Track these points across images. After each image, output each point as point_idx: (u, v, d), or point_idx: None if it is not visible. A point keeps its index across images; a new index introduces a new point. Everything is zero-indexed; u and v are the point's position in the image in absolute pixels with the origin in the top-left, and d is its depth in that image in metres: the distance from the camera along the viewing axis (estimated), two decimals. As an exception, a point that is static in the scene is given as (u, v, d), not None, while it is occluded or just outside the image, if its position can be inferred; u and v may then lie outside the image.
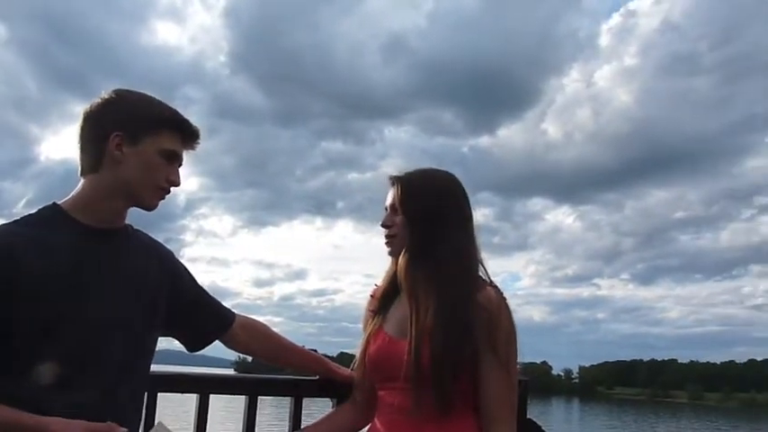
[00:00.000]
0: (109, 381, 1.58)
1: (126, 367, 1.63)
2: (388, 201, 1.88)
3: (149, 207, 1.68)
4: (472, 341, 1.70)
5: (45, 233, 1.56)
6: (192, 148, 1.72)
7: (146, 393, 1.84)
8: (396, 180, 1.88)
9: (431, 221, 1.81)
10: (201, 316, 1.87)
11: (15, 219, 1.60)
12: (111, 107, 1.64)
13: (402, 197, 1.84)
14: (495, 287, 1.81)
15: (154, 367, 1.79)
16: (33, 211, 1.63)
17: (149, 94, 1.71)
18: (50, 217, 1.60)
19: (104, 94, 1.67)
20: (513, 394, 1.77)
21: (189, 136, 1.70)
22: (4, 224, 1.58)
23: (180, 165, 1.70)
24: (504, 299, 1.79)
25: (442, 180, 1.90)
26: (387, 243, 1.88)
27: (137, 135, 1.61)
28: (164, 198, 1.69)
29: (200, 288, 1.90)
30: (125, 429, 1.43)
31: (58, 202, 1.64)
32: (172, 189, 1.69)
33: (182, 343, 1.90)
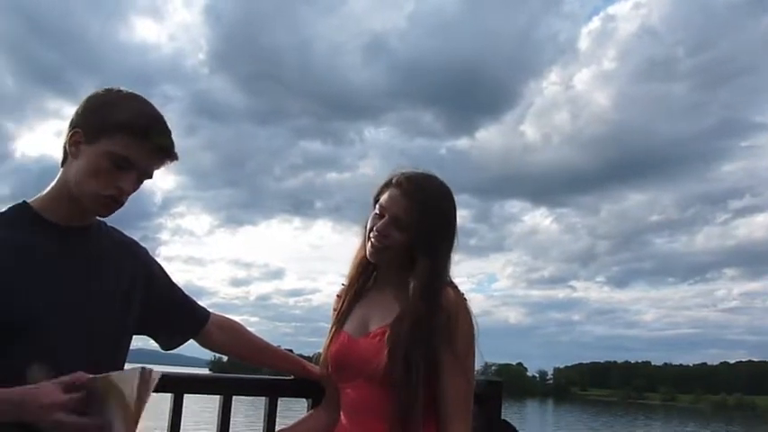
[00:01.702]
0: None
1: (100, 367, 1.61)
2: (393, 210, 1.80)
3: (90, 212, 1.61)
4: (432, 341, 1.71)
5: (15, 233, 1.54)
6: (161, 160, 1.62)
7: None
8: (411, 193, 1.80)
9: (435, 245, 1.79)
10: (176, 315, 1.86)
11: None
12: (84, 103, 1.60)
13: (417, 222, 1.78)
14: (455, 287, 1.81)
15: (127, 367, 1.78)
16: (2, 209, 1.60)
17: (142, 97, 1.63)
18: (19, 217, 1.58)
19: (94, 90, 1.63)
20: (470, 395, 1.77)
21: (155, 148, 1.59)
22: None
23: (146, 176, 1.61)
24: (464, 299, 1.80)
25: (450, 199, 1.87)
26: (375, 248, 1.82)
27: (94, 135, 1.55)
28: (111, 206, 1.59)
29: (175, 286, 1.88)
30: (90, 375, 1.42)
31: (28, 201, 1.61)
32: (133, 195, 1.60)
33: (156, 342, 1.88)
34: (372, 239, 1.82)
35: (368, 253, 1.85)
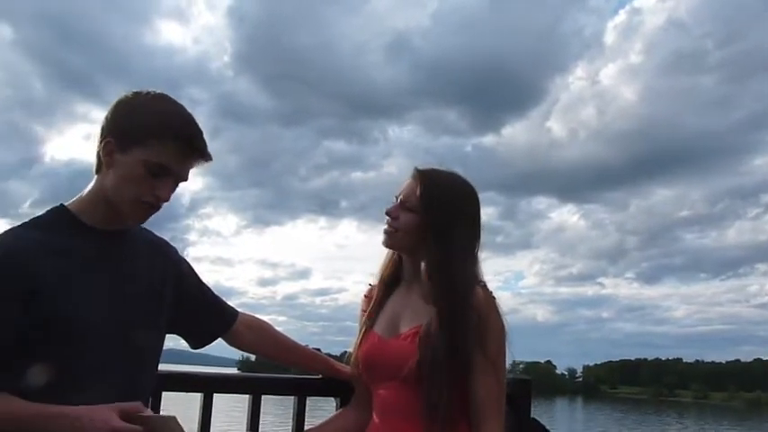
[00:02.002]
0: (118, 382, 1.58)
1: (135, 369, 1.63)
2: (403, 193, 1.84)
3: (128, 220, 1.61)
4: (464, 342, 1.70)
5: (53, 236, 1.54)
6: (195, 162, 1.61)
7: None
8: (421, 177, 1.84)
9: (446, 231, 1.79)
10: (205, 314, 1.87)
11: (23, 222, 1.58)
12: (113, 110, 1.59)
13: (423, 200, 1.80)
14: (484, 286, 1.80)
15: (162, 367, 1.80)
16: (41, 212, 1.61)
17: (171, 98, 1.61)
18: (57, 220, 1.58)
19: (123, 94, 1.61)
20: (502, 395, 1.76)
21: (188, 151, 1.58)
22: (12, 228, 1.55)
23: (181, 179, 1.60)
24: (494, 298, 1.79)
25: (464, 190, 1.87)
26: (387, 233, 1.85)
27: (126, 143, 1.54)
28: (149, 213, 1.60)
29: (204, 286, 1.89)
30: (150, 412, 1.45)
31: (66, 204, 1.62)
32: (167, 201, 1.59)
33: (186, 340, 1.89)
34: (385, 225, 1.85)
35: (383, 241, 1.87)
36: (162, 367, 1.78)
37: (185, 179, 1.61)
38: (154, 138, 1.53)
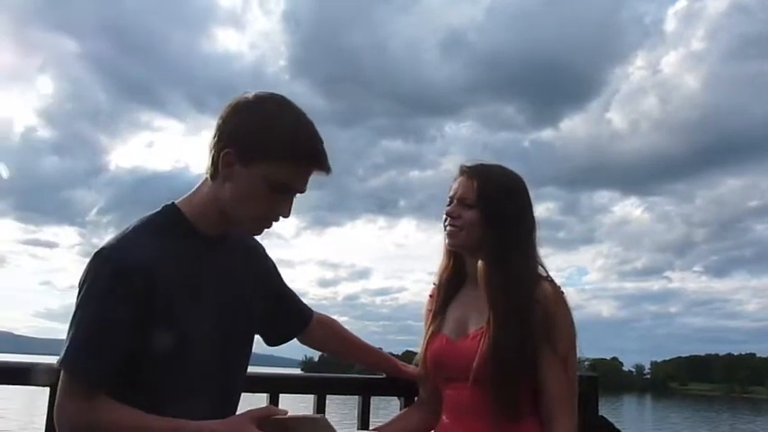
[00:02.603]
0: (219, 391, 1.60)
1: (230, 378, 1.65)
2: (459, 192, 1.84)
3: (247, 233, 1.62)
4: (531, 339, 1.69)
5: (171, 243, 1.52)
6: (318, 175, 1.52)
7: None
8: (473, 173, 1.84)
9: (507, 223, 1.78)
10: (285, 313, 1.88)
11: (139, 223, 1.54)
12: (236, 117, 1.49)
13: (481, 193, 1.80)
14: (552, 281, 1.79)
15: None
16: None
17: (299, 109, 1.52)
18: (174, 224, 1.55)
19: (248, 96, 1.52)
20: (573, 392, 1.74)
21: (313, 168, 1.51)
22: (135, 233, 1.50)
23: (301, 192, 1.54)
24: (562, 293, 1.77)
25: (518, 181, 1.87)
26: (449, 234, 1.84)
27: (250, 157, 1.46)
28: (266, 228, 1.56)
29: (286, 285, 1.89)
30: (284, 410, 1.47)
31: (178, 205, 1.58)
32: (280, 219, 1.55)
33: (262, 337, 1.85)
34: (446, 226, 1.85)
35: (446, 242, 1.87)
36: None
37: (304, 192, 1.55)
38: (281, 156, 1.45)
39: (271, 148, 1.45)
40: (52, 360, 1.54)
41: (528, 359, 1.69)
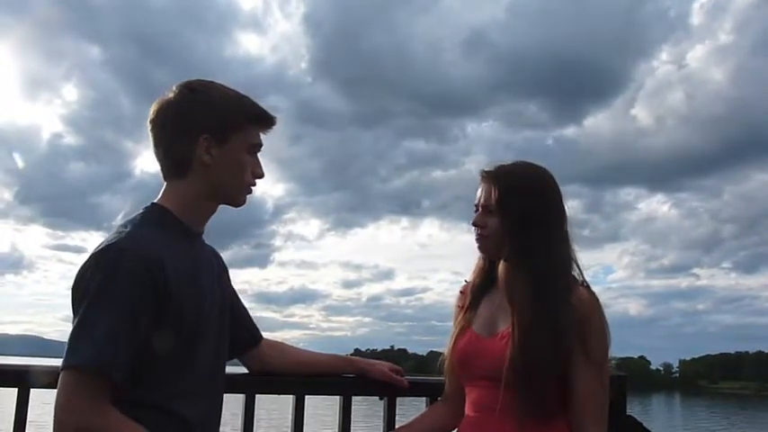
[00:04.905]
0: (215, 391, 1.62)
1: (222, 376, 1.67)
2: (482, 199, 1.84)
3: (239, 205, 1.65)
4: (566, 343, 1.67)
5: (169, 238, 1.52)
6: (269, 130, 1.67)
7: (244, 396, 1.90)
8: (491, 178, 1.83)
9: (529, 225, 1.77)
10: (240, 325, 1.82)
11: (131, 220, 1.53)
12: (190, 107, 1.56)
13: (500, 199, 1.79)
14: (588, 287, 1.78)
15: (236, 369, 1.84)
16: (141, 210, 1.57)
17: (216, 81, 1.64)
18: (167, 221, 1.56)
19: (176, 90, 1.58)
20: (605, 396, 1.73)
21: (269, 124, 1.65)
22: (137, 229, 1.49)
23: (261, 147, 1.65)
24: (597, 299, 1.76)
25: (539, 178, 1.85)
26: (478, 241, 1.85)
27: (224, 135, 1.56)
28: (249, 194, 1.66)
29: (239, 298, 1.86)
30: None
31: (159, 203, 1.59)
32: (258, 185, 1.65)
33: None
34: (474, 234, 1.85)
35: (477, 248, 1.87)
36: (236, 369, 1.82)
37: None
38: (245, 120, 1.59)
39: (240, 118, 1.58)
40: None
41: (557, 362, 1.68)
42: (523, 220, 1.76)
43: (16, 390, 1.69)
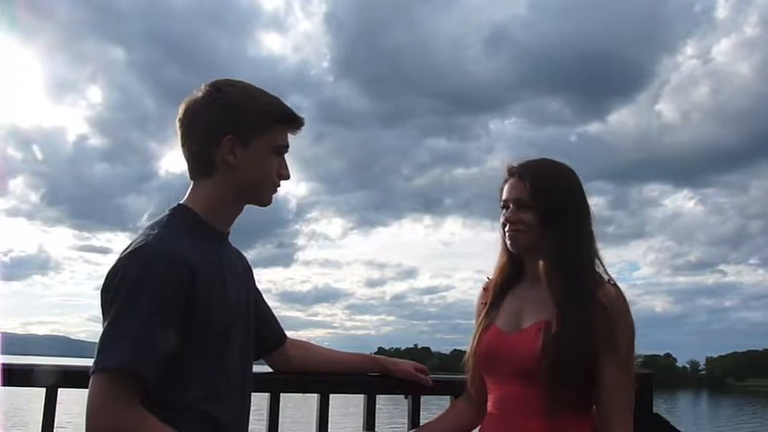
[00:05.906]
0: (243, 391, 1.62)
1: (249, 378, 1.67)
2: (513, 194, 1.83)
3: (266, 204, 1.65)
4: (592, 340, 1.67)
5: (196, 239, 1.53)
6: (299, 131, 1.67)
7: (269, 394, 1.91)
8: (523, 173, 1.83)
9: (564, 219, 1.78)
10: (266, 325, 1.84)
11: (157, 223, 1.54)
12: (216, 107, 1.56)
13: (535, 193, 1.79)
14: (615, 285, 1.77)
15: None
16: (167, 212, 1.58)
17: (247, 82, 1.64)
18: (193, 221, 1.57)
19: (203, 90, 1.59)
20: (631, 394, 1.72)
21: (296, 125, 1.64)
22: (166, 230, 1.50)
23: (288, 149, 1.65)
24: (624, 297, 1.76)
25: (568, 175, 1.86)
26: (511, 237, 1.83)
27: (249, 135, 1.56)
28: (275, 193, 1.65)
29: (263, 298, 1.87)
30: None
31: (185, 204, 1.60)
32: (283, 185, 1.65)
33: None
34: (507, 232, 1.83)
35: (510, 247, 1.85)
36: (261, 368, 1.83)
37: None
38: (272, 121, 1.59)
39: (266, 119, 1.58)
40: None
41: (586, 360, 1.68)
42: (558, 216, 1.77)
43: (44, 390, 1.71)
